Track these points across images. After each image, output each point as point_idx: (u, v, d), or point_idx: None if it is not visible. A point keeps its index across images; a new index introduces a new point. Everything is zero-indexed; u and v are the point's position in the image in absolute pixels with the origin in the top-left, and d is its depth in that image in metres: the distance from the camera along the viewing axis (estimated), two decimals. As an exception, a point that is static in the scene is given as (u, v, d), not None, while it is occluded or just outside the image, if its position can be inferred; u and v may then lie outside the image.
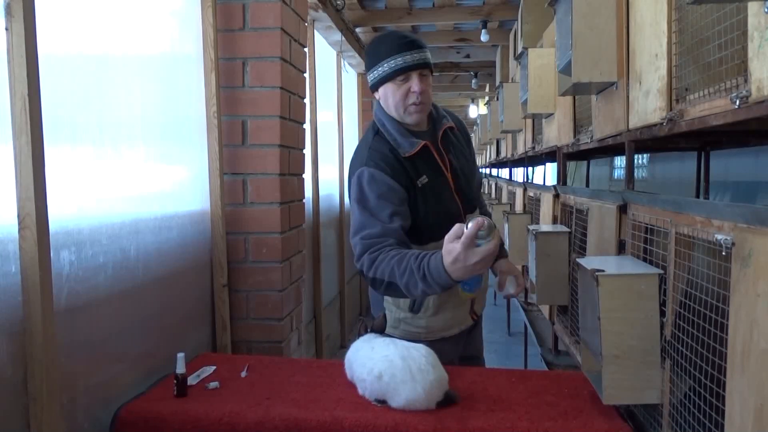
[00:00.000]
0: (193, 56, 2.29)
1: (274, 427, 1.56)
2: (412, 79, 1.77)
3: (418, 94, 1.77)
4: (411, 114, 1.81)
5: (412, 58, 1.76)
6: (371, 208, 1.72)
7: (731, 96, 1.17)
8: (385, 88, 1.80)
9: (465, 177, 1.94)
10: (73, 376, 1.55)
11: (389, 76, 1.78)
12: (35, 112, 1.32)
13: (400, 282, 1.60)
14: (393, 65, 1.76)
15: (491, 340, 5.69)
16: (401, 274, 1.59)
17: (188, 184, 2.26)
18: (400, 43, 1.77)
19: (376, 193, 1.73)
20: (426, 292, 1.59)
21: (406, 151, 1.79)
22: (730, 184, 3.45)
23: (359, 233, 1.71)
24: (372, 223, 1.70)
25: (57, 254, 1.47)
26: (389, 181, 1.74)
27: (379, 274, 1.64)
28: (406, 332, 1.90)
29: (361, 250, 1.69)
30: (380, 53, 1.79)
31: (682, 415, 1.34)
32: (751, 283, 1.03)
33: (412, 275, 1.57)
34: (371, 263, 1.66)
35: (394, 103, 1.80)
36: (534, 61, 3.18)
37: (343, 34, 4.65)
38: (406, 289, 1.61)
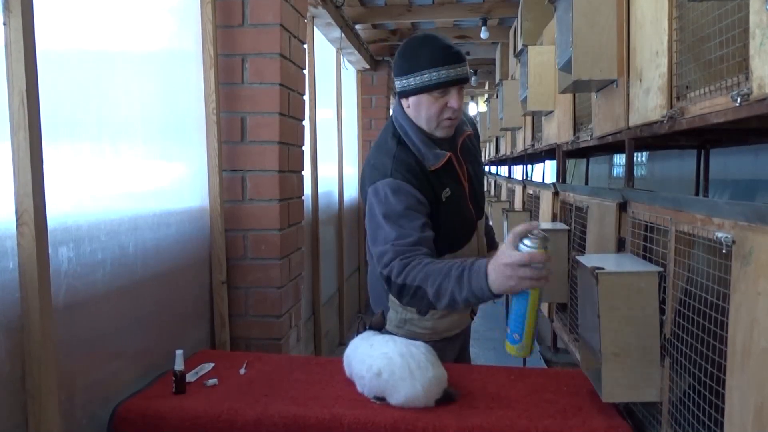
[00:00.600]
0: (192, 52, 2.29)
1: (272, 424, 1.56)
2: (451, 94, 1.68)
3: (454, 110, 1.70)
4: (443, 128, 1.73)
5: (456, 73, 1.66)
6: (401, 219, 1.63)
7: (732, 94, 1.17)
8: (420, 98, 1.70)
9: (479, 182, 1.91)
10: (72, 373, 1.55)
11: (428, 88, 1.67)
12: (33, 108, 1.31)
13: (431, 287, 1.51)
14: (435, 78, 1.65)
15: (490, 338, 5.69)
16: (435, 277, 1.50)
17: (187, 180, 2.25)
18: (445, 54, 1.66)
19: (404, 204, 1.64)
20: (453, 297, 1.48)
21: (431, 164, 1.72)
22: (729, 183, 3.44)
23: (390, 241, 1.61)
24: (403, 232, 1.61)
25: (55, 250, 1.46)
26: (417, 194, 1.66)
27: (410, 280, 1.54)
28: (410, 332, 1.87)
29: (392, 257, 1.59)
30: (420, 61, 1.67)
31: (682, 413, 1.34)
32: (752, 281, 1.03)
33: (447, 277, 1.48)
34: (402, 269, 1.56)
35: (427, 115, 1.71)
36: (534, 58, 3.18)
37: (342, 31, 4.64)
38: (435, 294, 1.50)
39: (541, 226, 1.33)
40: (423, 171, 1.70)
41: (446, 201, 1.73)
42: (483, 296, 1.45)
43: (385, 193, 1.66)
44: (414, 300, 1.57)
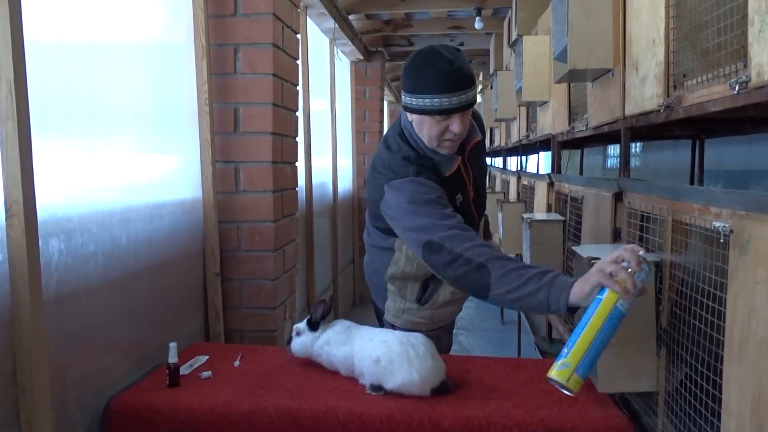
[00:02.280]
0: (184, 42, 2.26)
1: (267, 416, 1.55)
2: (453, 120, 1.66)
3: (455, 134, 1.68)
4: (444, 148, 1.73)
5: (459, 101, 1.63)
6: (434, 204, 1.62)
7: (730, 82, 1.15)
8: (422, 118, 1.69)
9: (482, 185, 1.93)
10: (64, 367, 1.53)
11: (430, 112, 1.65)
12: (21, 97, 1.29)
13: (497, 271, 1.44)
14: (438, 105, 1.63)
15: (484, 329, 5.70)
16: (504, 266, 1.44)
17: (180, 172, 2.23)
18: (450, 81, 1.61)
19: (434, 194, 1.64)
20: (523, 289, 1.40)
21: (446, 170, 1.73)
22: (722, 173, 3.44)
23: (436, 218, 1.57)
24: (446, 213, 1.60)
25: (46, 242, 1.44)
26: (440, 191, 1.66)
27: (470, 254, 1.48)
28: (408, 322, 1.90)
29: (451, 225, 1.55)
30: (425, 84, 1.63)
31: (678, 403, 1.34)
32: (750, 270, 1.02)
33: (526, 268, 1.42)
34: (465, 240, 1.51)
35: (428, 136, 1.70)
36: (529, 48, 3.17)
37: (336, 21, 4.61)
38: (498, 278, 1.43)
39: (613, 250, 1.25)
40: (440, 176, 1.71)
41: (459, 206, 1.74)
42: (555, 300, 1.36)
43: (411, 186, 1.64)
44: (466, 275, 1.49)
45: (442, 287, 1.87)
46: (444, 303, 1.89)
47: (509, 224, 3.58)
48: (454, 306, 1.96)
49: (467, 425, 1.48)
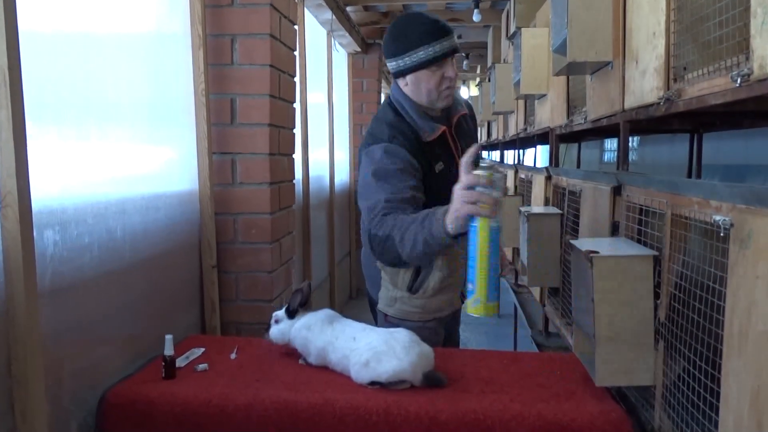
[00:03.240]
0: (180, 33, 2.24)
1: (263, 409, 1.55)
2: (447, 66, 1.77)
3: (452, 79, 1.78)
4: (444, 99, 1.82)
5: (449, 44, 1.75)
6: (391, 177, 1.68)
7: (732, 74, 1.15)
8: (418, 75, 1.77)
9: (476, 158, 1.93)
10: (59, 359, 1.52)
11: (424, 64, 1.75)
12: (16, 86, 1.27)
13: (398, 234, 1.56)
14: (430, 53, 1.73)
15: (481, 322, 5.70)
16: (401, 225, 1.56)
17: (176, 163, 2.22)
18: (433, 29, 1.74)
19: (397, 166, 1.69)
20: (416, 239, 1.52)
21: (428, 136, 1.79)
22: (719, 167, 3.44)
23: (379, 198, 1.65)
24: (394, 189, 1.66)
25: (40, 234, 1.43)
26: (411, 159, 1.72)
27: (381, 232, 1.60)
28: (400, 311, 1.93)
29: (378, 212, 1.63)
30: (412, 40, 1.74)
31: (676, 396, 1.34)
32: (750, 264, 1.02)
33: (414, 221, 1.54)
34: (381, 222, 1.62)
35: (427, 89, 1.79)
36: (527, 41, 3.15)
37: (333, 13, 4.58)
38: (401, 239, 1.55)
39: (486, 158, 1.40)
40: (418, 140, 1.78)
41: (438, 173, 1.79)
42: (438, 234, 1.47)
43: (380, 155, 1.72)
44: (384, 252, 1.61)
45: (432, 275, 1.89)
46: (435, 291, 1.90)
47: (506, 218, 3.58)
48: (446, 295, 1.94)
49: (464, 419, 1.48)
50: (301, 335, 1.78)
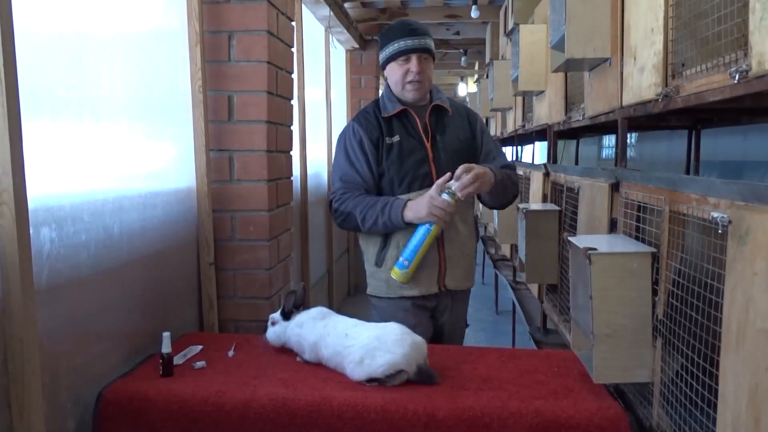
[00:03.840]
0: (177, 29, 2.23)
1: (261, 407, 1.55)
2: (412, 61, 2.06)
3: (415, 74, 2.06)
4: (408, 91, 2.10)
5: (414, 43, 2.06)
6: (352, 157, 2.10)
7: (730, 71, 1.14)
8: (390, 67, 2.12)
9: (449, 153, 2.12)
10: (56, 356, 1.52)
11: (393, 56, 2.08)
12: (11, 82, 1.26)
13: (359, 213, 2.01)
14: (397, 47, 2.07)
15: (479, 318, 5.71)
16: (363, 207, 2.01)
17: (173, 160, 2.21)
18: (406, 29, 2.08)
19: (355, 145, 2.09)
20: (377, 222, 1.99)
21: (387, 112, 2.12)
22: (717, 164, 3.44)
23: (341, 174, 2.11)
24: (352, 169, 2.09)
25: (37, 231, 1.42)
26: (362, 134, 2.10)
27: (343, 207, 2.05)
28: (372, 287, 2.17)
29: (338, 187, 2.10)
30: (388, 37, 2.10)
31: (674, 393, 1.34)
32: (748, 261, 1.01)
33: (374, 206, 2.00)
34: (340, 198, 2.07)
35: (395, 80, 2.11)
36: (525, 37, 3.15)
37: (331, 9, 4.57)
38: (362, 219, 2.01)
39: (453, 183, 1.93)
40: (377, 116, 2.13)
41: (390, 145, 2.09)
42: (397, 222, 1.98)
43: (345, 133, 2.15)
44: (344, 222, 2.08)
45: (390, 248, 2.07)
46: (394, 263, 2.04)
47: (504, 214, 3.57)
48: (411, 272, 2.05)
49: (462, 416, 1.48)
50: (294, 333, 1.80)
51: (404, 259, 1.98)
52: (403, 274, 1.99)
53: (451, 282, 2.13)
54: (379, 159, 2.09)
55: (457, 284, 2.15)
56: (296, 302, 1.86)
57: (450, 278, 2.12)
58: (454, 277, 2.13)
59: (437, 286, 2.11)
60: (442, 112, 2.17)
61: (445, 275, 2.11)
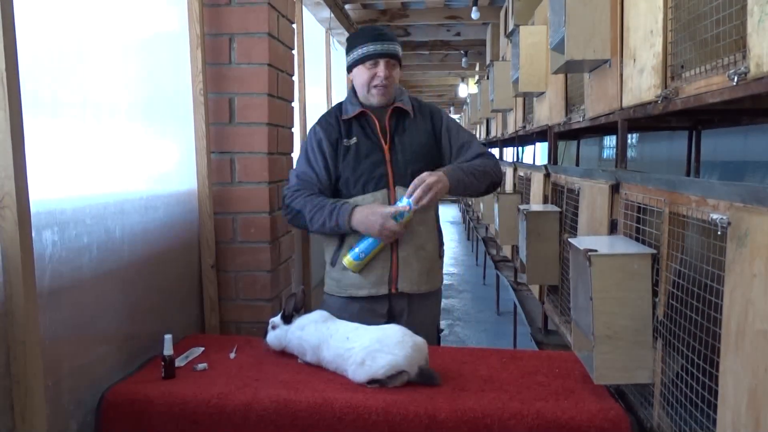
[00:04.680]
0: (179, 32, 2.24)
1: (263, 408, 1.55)
2: (379, 66, 2.09)
3: (383, 78, 2.09)
4: (374, 95, 2.13)
5: (382, 48, 2.09)
6: (310, 157, 2.15)
7: (729, 73, 1.15)
8: (357, 69, 2.14)
9: (408, 155, 2.13)
10: (58, 358, 1.52)
11: (361, 59, 2.10)
12: (13, 86, 1.27)
13: (308, 213, 2.05)
14: (365, 51, 2.09)
15: (480, 320, 5.72)
16: (312, 207, 2.05)
17: (174, 163, 2.22)
18: (374, 34, 2.11)
19: (314, 144, 2.15)
20: (324, 225, 2.04)
21: (346, 114, 2.16)
22: (718, 164, 3.45)
23: (298, 172, 2.17)
24: (308, 168, 2.14)
25: (39, 234, 1.43)
26: (322, 136, 2.15)
27: (294, 204, 2.10)
28: (327, 285, 2.21)
29: (292, 183, 2.16)
30: (357, 41, 2.13)
31: (674, 394, 1.34)
32: (747, 262, 1.02)
33: (323, 208, 2.04)
34: (292, 195, 2.12)
35: (361, 83, 2.14)
36: (525, 38, 3.15)
37: (332, 11, 4.58)
38: (310, 219, 2.05)
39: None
40: (337, 119, 2.17)
41: (348, 147, 2.12)
42: (343, 227, 2.02)
43: (309, 134, 2.21)
44: (293, 219, 2.13)
45: (344, 247, 2.09)
46: (346, 266, 2.07)
47: (505, 215, 3.58)
48: (359, 272, 2.09)
49: (463, 417, 1.48)
50: (295, 336, 1.80)
51: (360, 252, 2.04)
52: (356, 265, 2.05)
53: (405, 284, 2.09)
54: (337, 161, 2.13)
55: (411, 287, 2.11)
56: (296, 306, 1.86)
57: (403, 280, 2.09)
58: (408, 279, 2.10)
59: (388, 288, 2.09)
60: (403, 114, 2.18)
61: (397, 277, 2.08)
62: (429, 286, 2.17)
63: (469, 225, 10.16)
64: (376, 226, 1.97)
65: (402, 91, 2.22)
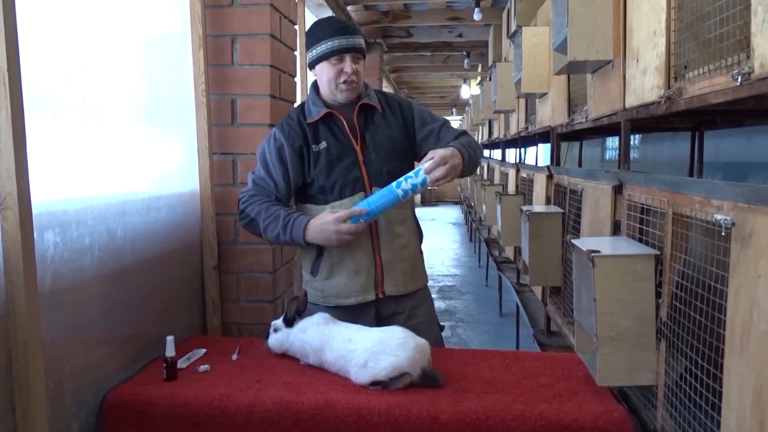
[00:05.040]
0: (181, 33, 2.24)
1: (265, 410, 1.55)
2: (345, 61, 1.96)
3: (349, 74, 1.96)
4: (342, 92, 2.00)
5: (347, 42, 1.95)
6: (269, 163, 2.01)
7: (733, 73, 1.14)
8: (321, 66, 1.99)
9: (381, 154, 2.01)
10: (60, 360, 1.52)
11: (326, 55, 1.96)
12: (15, 87, 1.27)
13: (262, 222, 1.94)
14: (330, 46, 1.95)
15: (483, 321, 5.71)
16: (266, 217, 1.93)
17: (177, 164, 2.22)
18: (338, 27, 1.98)
19: (273, 151, 2.00)
20: (279, 237, 1.93)
21: (311, 117, 2.01)
22: (720, 165, 3.44)
23: (254, 176, 2.03)
24: (266, 175, 2.00)
25: (41, 235, 1.43)
26: (284, 142, 2.00)
27: (248, 210, 1.98)
28: (310, 295, 2.04)
29: (249, 187, 2.03)
30: (318, 35, 1.98)
31: (678, 396, 1.33)
32: (752, 263, 1.01)
33: (277, 220, 1.92)
34: (248, 200, 1.99)
35: (327, 80, 1.99)
36: (528, 39, 3.15)
37: (334, 12, 4.58)
38: (264, 229, 1.94)
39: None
40: (301, 123, 2.02)
41: (318, 153, 1.99)
42: (298, 240, 1.91)
43: (268, 139, 2.04)
44: (247, 225, 2.00)
45: (324, 257, 1.99)
46: (329, 274, 2.00)
47: (508, 217, 3.57)
48: (344, 279, 1.99)
49: (465, 419, 1.48)
50: (297, 339, 1.80)
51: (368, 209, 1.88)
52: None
53: (391, 287, 2.01)
54: (307, 168, 2.00)
55: (398, 289, 2.02)
56: (298, 309, 1.85)
57: (389, 284, 2.00)
58: (394, 282, 2.01)
59: (374, 293, 2.00)
60: (371, 111, 2.05)
61: (382, 282, 2.00)
62: (415, 285, 2.08)
63: (472, 226, 10.15)
64: (331, 235, 1.85)
65: (367, 86, 2.10)
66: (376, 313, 2.04)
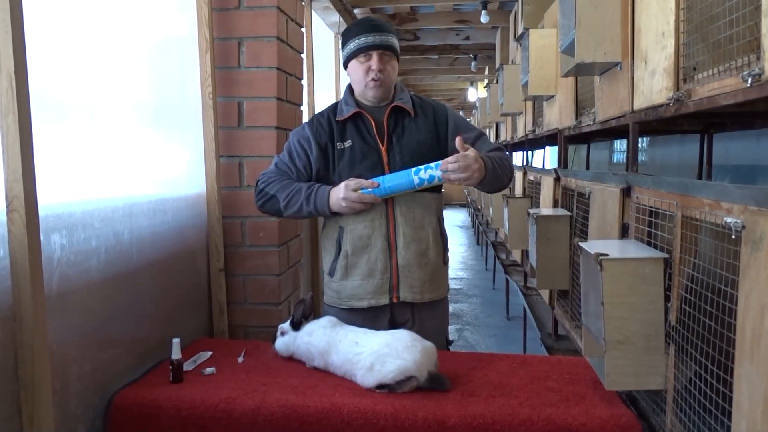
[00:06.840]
0: (188, 36, 2.24)
1: (270, 413, 1.54)
2: (373, 58, 1.97)
3: (376, 72, 1.97)
4: (370, 89, 2.00)
5: (374, 40, 1.97)
6: (293, 152, 2.05)
7: (743, 74, 1.13)
8: (352, 64, 2.03)
9: (405, 154, 2.00)
10: (66, 362, 1.52)
11: (354, 53, 1.99)
12: (22, 89, 1.27)
13: (283, 198, 1.97)
14: (357, 44, 1.98)
15: (490, 324, 5.69)
16: (288, 192, 1.97)
17: (183, 166, 2.22)
18: (367, 26, 1.99)
19: (300, 142, 2.04)
20: (301, 209, 1.96)
21: (341, 115, 2.04)
22: (729, 168, 3.41)
23: (278, 160, 2.07)
24: (290, 161, 2.04)
25: (47, 238, 1.43)
26: (310, 135, 2.03)
27: (268, 188, 2.01)
28: (326, 296, 2.09)
29: (270, 169, 2.06)
30: (350, 34, 2.01)
31: (687, 401, 1.32)
32: (763, 267, 1.00)
33: (299, 193, 1.96)
34: (267, 180, 2.02)
35: (356, 77, 2.02)
36: (535, 42, 3.14)
37: (341, 15, 4.58)
38: (286, 203, 1.97)
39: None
40: (330, 121, 2.05)
41: (342, 150, 2.01)
42: (323, 211, 1.95)
43: (297, 130, 2.09)
44: (267, 203, 2.02)
45: (340, 256, 2.00)
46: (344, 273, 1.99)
47: (515, 219, 3.56)
48: (358, 281, 1.98)
49: (472, 423, 1.47)
50: (303, 342, 1.79)
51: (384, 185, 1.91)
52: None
53: (407, 293, 1.96)
54: (331, 165, 2.00)
55: (414, 296, 1.97)
56: (305, 312, 1.85)
57: (405, 289, 1.96)
58: (410, 288, 1.96)
59: (389, 297, 1.96)
60: (402, 113, 2.04)
61: (398, 286, 1.96)
62: (433, 295, 2.02)
63: (479, 229, 10.13)
64: (340, 201, 1.89)
65: (403, 89, 2.09)
66: (390, 318, 2.01)
